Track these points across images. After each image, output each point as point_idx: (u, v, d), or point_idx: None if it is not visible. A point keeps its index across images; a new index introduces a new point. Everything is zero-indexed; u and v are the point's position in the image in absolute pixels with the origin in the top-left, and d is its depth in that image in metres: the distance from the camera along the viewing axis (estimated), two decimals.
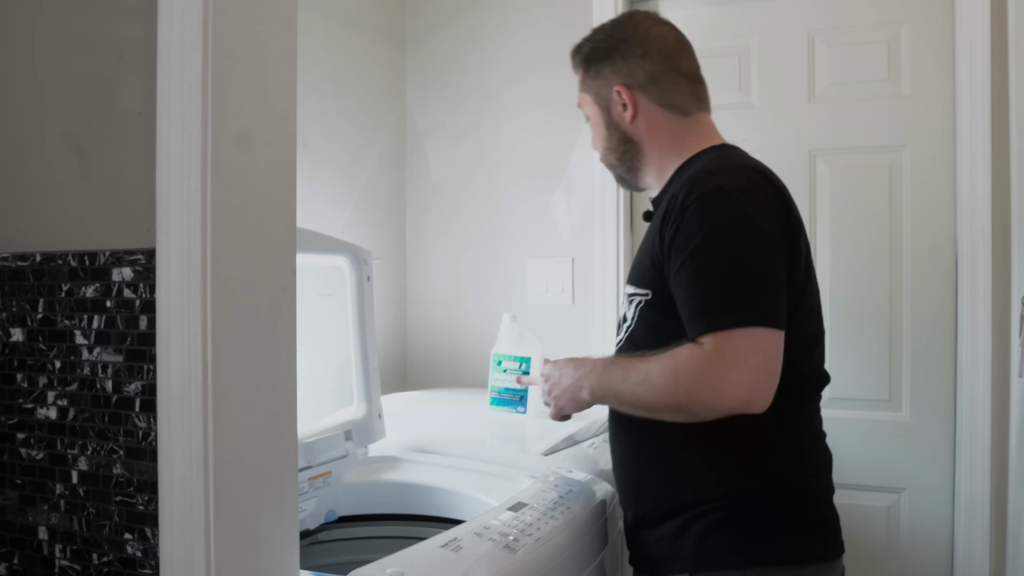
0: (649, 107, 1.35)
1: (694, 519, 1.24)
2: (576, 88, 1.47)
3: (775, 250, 1.18)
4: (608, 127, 1.39)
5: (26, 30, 1.03)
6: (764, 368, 1.11)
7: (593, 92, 1.40)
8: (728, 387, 1.10)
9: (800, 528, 1.24)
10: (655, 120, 1.35)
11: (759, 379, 1.10)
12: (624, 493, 1.38)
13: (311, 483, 1.53)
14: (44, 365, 1.01)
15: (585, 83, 1.41)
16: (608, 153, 1.41)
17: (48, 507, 1.01)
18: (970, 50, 1.98)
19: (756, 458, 1.23)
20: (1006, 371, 1.96)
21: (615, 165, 1.42)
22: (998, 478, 1.96)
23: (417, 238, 2.59)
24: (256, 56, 0.96)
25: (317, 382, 1.66)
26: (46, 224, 1.02)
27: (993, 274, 1.96)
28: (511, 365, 1.82)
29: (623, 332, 1.35)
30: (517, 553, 1.20)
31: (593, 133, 1.44)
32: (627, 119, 1.36)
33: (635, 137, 1.37)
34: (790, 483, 1.25)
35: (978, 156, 1.98)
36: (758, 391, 1.10)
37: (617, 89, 1.35)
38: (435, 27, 2.57)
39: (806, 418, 1.30)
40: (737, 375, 1.10)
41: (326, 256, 1.68)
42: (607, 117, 1.38)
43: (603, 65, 1.37)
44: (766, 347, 1.12)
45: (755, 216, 1.17)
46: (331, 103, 2.30)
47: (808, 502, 1.27)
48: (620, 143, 1.38)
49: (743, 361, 1.10)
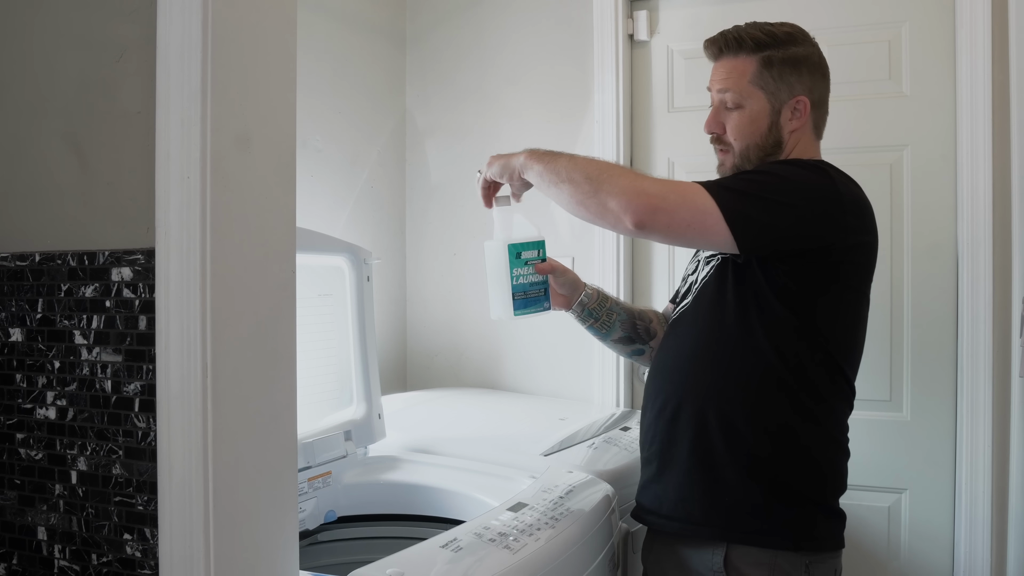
0: (809, 124, 1.43)
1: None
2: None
3: (817, 211, 1.31)
4: (771, 127, 1.41)
5: (26, 30, 1.03)
6: (678, 212, 1.28)
7: (769, 90, 1.40)
8: (638, 193, 1.27)
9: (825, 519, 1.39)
10: (804, 136, 1.43)
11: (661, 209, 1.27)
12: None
13: (311, 483, 1.53)
14: (43, 365, 1.01)
15: (760, 76, 1.40)
16: (754, 149, 1.41)
17: (47, 507, 1.00)
18: (971, 50, 1.98)
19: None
20: (1007, 371, 1.95)
21: (749, 160, 1.42)
22: (999, 478, 1.96)
23: (417, 238, 2.59)
24: (256, 56, 0.96)
25: (317, 382, 1.66)
26: (45, 224, 1.02)
27: (993, 274, 1.96)
28: (530, 255, 1.50)
29: (692, 290, 1.46)
30: (517, 553, 1.20)
31: (743, 123, 1.41)
32: (792, 127, 1.41)
33: (787, 145, 1.42)
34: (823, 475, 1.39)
35: (979, 156, 1.97)
36: (645, 210, 1.26)
37: (800, 99, 1.40)
38: (435, 27, 2.57)
39: (840, 421, 1.42)
40: (656, 197, 1.28)
41: (326, 256, 1.68)
42: (774, 118, 1.40)
43: (792, 72, 1.40)
44: (704, 212, 1.27)
45: (827, 184, 1.33)
46: (331, 103, 2.30)
47: (830, 494, 1.40)
48: (773, 145, 1.41)
49: (680, 194, 1.30)
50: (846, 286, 1.36)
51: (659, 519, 1.40)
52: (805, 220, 1.30)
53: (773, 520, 1.32)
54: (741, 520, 1.33)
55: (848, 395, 1.41)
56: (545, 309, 1.52)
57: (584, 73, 2.36)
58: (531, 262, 1.49)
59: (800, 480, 1.34)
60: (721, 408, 1.34)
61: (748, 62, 1.41)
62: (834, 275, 1.34)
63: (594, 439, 1.83)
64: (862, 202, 1.38)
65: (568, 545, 1.30)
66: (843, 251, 1.33)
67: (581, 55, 2.37)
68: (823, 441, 1.38)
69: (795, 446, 1.34)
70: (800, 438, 1.34)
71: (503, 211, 1.49)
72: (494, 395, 2.35)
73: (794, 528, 1.33)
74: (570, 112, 2.39)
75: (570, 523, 1.33)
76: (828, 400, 1.37)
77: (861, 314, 1.41)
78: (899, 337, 2.09)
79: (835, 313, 1.36)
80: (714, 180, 1.36)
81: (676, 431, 1.38)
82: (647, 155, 2.35)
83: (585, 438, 1.84)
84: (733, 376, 1.35)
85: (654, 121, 2.32)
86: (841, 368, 1.37)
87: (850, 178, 1.39)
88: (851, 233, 1.34)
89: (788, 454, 1.34)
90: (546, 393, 2.38)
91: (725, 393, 1.35)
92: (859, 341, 1.42)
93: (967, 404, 1.99)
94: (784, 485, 1.33)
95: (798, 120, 1.41)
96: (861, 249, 1.37)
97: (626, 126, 2.33)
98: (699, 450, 1.35)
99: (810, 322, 1.33)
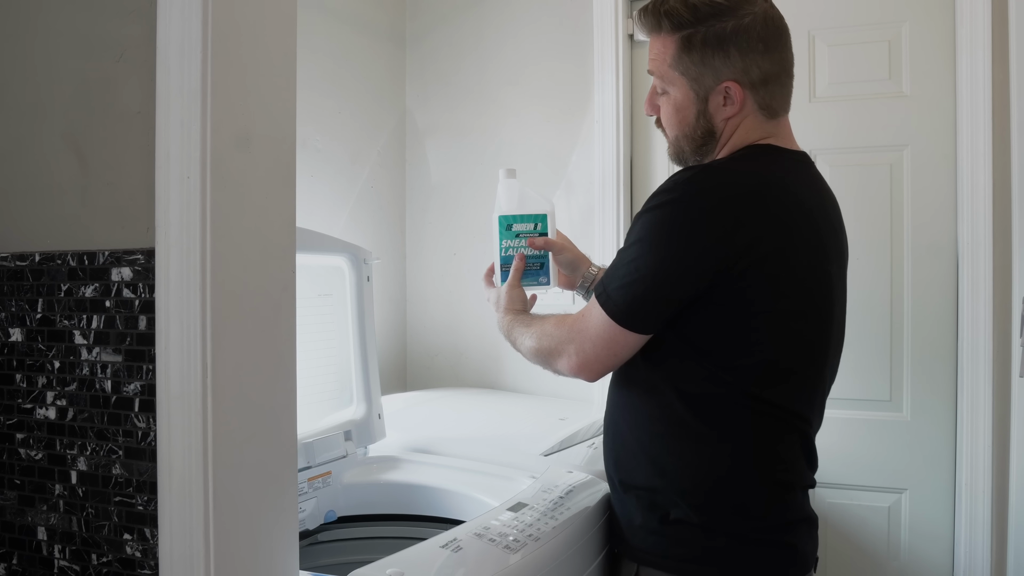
0: (750, 107, 1.23)
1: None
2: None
3: (688, 266, 1.18)
4: (698, 117, 1.25)
5: (26, 30, 1.02)
6: (599, 351, 1.24)
7: (691, 77, 1.23)
8: (567, 354, 1.26)
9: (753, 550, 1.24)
10: (748, 120, 1.24)
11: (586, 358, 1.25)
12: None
13: (311, 483, 1.53)
14: (43, 365, 1.01)
15: (679, 61, 1.23)
16: (684, 140, 1.28)
17: (47, 507, 1.00)
18: (971, 49, 1.98)
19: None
20: (1007, 371, 1.95)
21: (683, 151, 1.29)
22: (999, 478, 1.96)
23: (417, 238, 2.59)
24: (256, 56, 0.96)
25: (317, 382, 1.66)
26: (45, 224, 1.02)
27: (994, 274, 1.96)
28: (524, 227, 1.46)
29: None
30: (517, 553, 1.20)
31: (668, 111, 1.28)
32: (724, 115, 1.23)
33: (722, 132, 1.25)
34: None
35: (979, 156, 1.97)
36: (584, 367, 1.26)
37: (727, 85, 1.21)
38: (435, 26, 2.57)
39: (767, 447, 1.24)
40: (577, 347, 1.25)
41: (326, 256, 1.68)
42: (700, 107, 1.24)
43: (717, 53, 1.20)
44: (611, 337, 1.22)
45: (690, 232, 1.17)
46: (331, 102, 2.30)
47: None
48: (704, 135, 1.26)
49: (587, 338, 1.24)
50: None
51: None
52: (692, 274, 1.18)
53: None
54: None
55: (779, 428, 1.26)
56: (542, 284, 1.47)
57: (584, 73, 2.36)
58: (525, 235, 1.46)
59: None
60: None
61: (668, 43, 1.23)
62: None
63: (594, 439, 1.83)
64: (726, 214, 1.17)
65: (568, 545, 1.30)
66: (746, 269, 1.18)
67: (581, 55, 2.37)
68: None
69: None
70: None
71: (508, 184, 1.48)
72: (494, 395, 2.35)
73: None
74: (570, 112, 2.39)
75: (570, 523, 1.33)
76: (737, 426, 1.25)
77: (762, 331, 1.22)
78: (899, 337, 2.09)
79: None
80: (603, 279, 1.25)
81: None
82: (647, 155, 2.35)
83: (585, 438, 1.84)
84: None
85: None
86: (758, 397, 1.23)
87: (744, 179, 1.19)
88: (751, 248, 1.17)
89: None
90: (546, 393, 2.38)
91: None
92: (777, 367, 1.24)
93: (967, 404, 1.99)
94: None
95: (732, 107, 1.22)
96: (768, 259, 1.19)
97: (626, 126, 2.33)
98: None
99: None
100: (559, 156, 2.41)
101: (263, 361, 0.96)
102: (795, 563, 1.25)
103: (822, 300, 1.25)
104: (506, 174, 1.47)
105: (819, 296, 1.25)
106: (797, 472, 1.27)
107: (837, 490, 2.08)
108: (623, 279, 1.20)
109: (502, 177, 1.47)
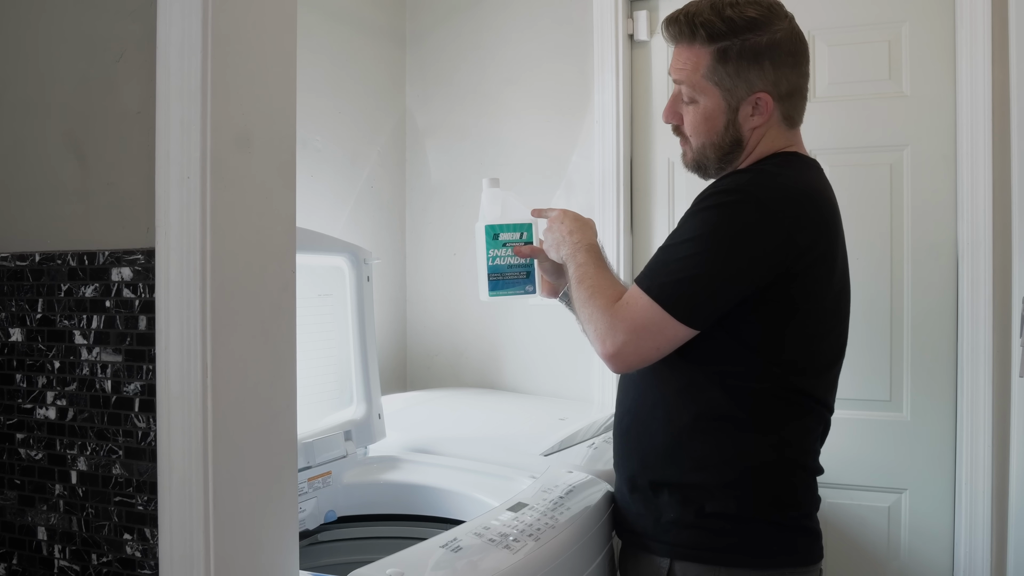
0: (776, 117, 1.29)
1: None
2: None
3: (752, 264, 1.22)
4: (727, 126, 1.28)
5: (26, 29, 1.03)
6: (642, 342, 1.23)
7: (725, 87, 1.26)
8: (610, 340, 1.24)
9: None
10: (772, 130, 1.30)
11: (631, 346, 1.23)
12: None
13: (311, 483, 1.53)
14: (43, 365, 1.01)
15: (714, 71, 1.26)
16: (711, 148, 1.31)
17: (47, 507, 1.00)
18: (971, 49, 1.98)
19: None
20: (1007, 371, 1.95)
21: (707, 158, 1.32)
22: (999, 478, 1.96)
23: (417, 238, 2.59)
24: (256, 56, 0.96)
25: (317, 382, 1.66)
26: (45, 224, 1.02)
27: (994, 274, 1.96)
28: (510, 237, 1.48)
29: None
30: (517, 553, 1.20)
31: (696, 120, 1.30)
32: (752, 124, 1.28)
33: (749, 141, 1.30)
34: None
35: (979, 156, 1.97)
36: (618, 365, 1.26)
37: (759, 96, 1.26)
38: (435, 26, 2.57)
39: (803, 437, 1.32)
40: (623, 335, 1.23)
41: (326, 256, 1.68)
42: (730, 116, 1.28)
43: (751, 66, 1.25)
44: (659, 330, 1.22)
45: (756, 232, 1.21)
46: (331, 102, 2.30)
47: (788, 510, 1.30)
48: (731, 144, 1.29)
49: (631, 328, 1.22)
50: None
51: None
52: (750, 270, 1.22)
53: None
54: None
55: (808, 417, 1.33)
56: (527, 293, 1.50)
57: (584, 73, 2.36)
58: (511, 244, 1.48)
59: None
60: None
61: (702, 53, 1.26)
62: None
63: (594, 439, 1.83)
64: (810, 204, 1.26)
65: (568, 545, 1.30)
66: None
67: (581, 55, 2.37)
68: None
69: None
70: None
71: (492, 193, 1.50)
72: (494, 395, 2.35)
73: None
74: (570, 112, 2.39)
75: (570, 523, 1.33)
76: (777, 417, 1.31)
77: (817, 329, 1.30)
78: (899, 337, 2.09)
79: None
80: (648, 273, 1.26)
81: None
82: (647, 155, 2.35)
83: (585, 438, 1.84)
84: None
85: (654, 121, 2.32)
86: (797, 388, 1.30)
87: (792, 190, 1.26)
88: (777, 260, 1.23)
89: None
90: (546, 393, 2.38)
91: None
92: (823, 359, 1.33)
93: (967, 404, 1.99)
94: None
95: (760, 117, 1.27)
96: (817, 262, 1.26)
97: (626, 126, 2.33)
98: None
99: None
100: (559, 156, 2.41)
101: (263, 361, 0.96)
102: (816, 546, 1.33)
103: (847, 298, 1.35)
104: (490, 183, 1.50)
105: (845, 295, 1.34)
106: (818, 459, 1.36)
107: (837, 490, 2.08)
108: (679, 273, 1.22)
109: (486, 186, 1.50)
